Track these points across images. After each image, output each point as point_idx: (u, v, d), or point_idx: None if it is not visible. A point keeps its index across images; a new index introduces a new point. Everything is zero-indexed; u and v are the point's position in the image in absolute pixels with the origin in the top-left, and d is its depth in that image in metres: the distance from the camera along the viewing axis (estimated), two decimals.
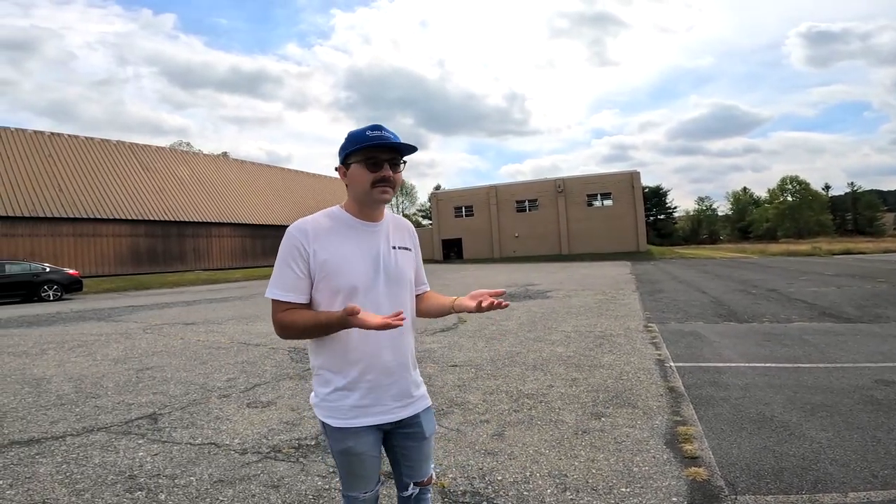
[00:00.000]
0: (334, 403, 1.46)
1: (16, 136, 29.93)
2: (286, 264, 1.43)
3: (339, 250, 1.44)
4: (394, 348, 1.49)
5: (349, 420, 1.46)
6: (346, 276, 1.42)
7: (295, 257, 1.42)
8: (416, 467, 1.58)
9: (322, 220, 1.48)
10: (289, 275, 1.43)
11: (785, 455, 2.95)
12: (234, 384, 4.99)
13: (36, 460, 3.19)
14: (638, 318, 8.55)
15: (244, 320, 9.82)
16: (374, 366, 1.46)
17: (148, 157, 36.61)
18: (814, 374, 4.68)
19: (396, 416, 1.51)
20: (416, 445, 1.57)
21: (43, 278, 17.50)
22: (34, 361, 6.38)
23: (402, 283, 1.54)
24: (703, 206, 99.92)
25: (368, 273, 1.46)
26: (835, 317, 7.95)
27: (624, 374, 4.91)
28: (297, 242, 1.42)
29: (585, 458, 3.02)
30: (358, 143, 1.42)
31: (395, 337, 1.48)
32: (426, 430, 1.57)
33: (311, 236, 1.42)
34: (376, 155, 1.43)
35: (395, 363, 1.49)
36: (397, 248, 1.55)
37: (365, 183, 1.44)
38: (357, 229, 1.49)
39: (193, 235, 35.16)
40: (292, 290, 1.43)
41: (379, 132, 1.42)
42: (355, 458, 1.47)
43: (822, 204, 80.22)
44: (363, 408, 1.46)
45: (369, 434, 1.48)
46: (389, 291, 1.49)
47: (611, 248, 40.11)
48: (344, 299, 1.41)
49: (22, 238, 26.47)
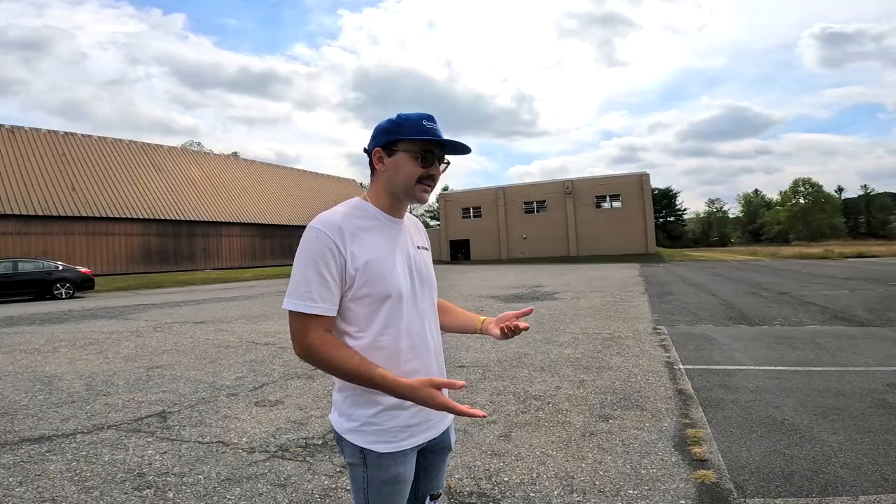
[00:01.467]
0: (383, 426, 1.25)
1: (30, 135, 30.35)
2: (314, 269, 1.19)
3: (379, 251, 1.26)
4: (437, 357, 1.36)
5: (399, 443, 1.26)
6: (390, 280, 1.24)
7: (327, 261, 1.19)
8: (435, 480, 1.46)
9: (353, 214, 1.28)
10: (318, 282, 1.19)
11: (795, 458, 2.93)
12: (243, 383, 5.01)
13: (46, 458, 3.22)
14: (647, 320, 8.50)
15: (253, 319, 9.87)
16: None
17: (160, 157, 36.98)
18: (825, 378, 4.63)
19: (438, 430, 1.36)
20: (440, 459, 1.44)
21: (55, 276, 17.70)
22: (46, 359, 6.45)
23: (432, 286, 1.40)
24: (713, 209, 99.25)
25: (407, 276, 1.30)
26: (847, 320, 7.85)
27: (632, 377, 4.88)
28: (330, 243, 1.20)
29: (593, 460, 3.00)
30: (415, 133, 1.25)
31: (437, 344, 1.36)
32: (451, 442, 1.46)
33: (346, 236, 1.22)
34: (431, 150, 1.28)
35: (439, 374, 1.35)
36: (420, 248, 1.41)
37: (411, 176, 1.28)
38: (387, 226, 1.32)
39: (204, 235, 35.46)
40: (324, 300, 1.20)
41: (435, 125, 1.28)
42: (401, 486, 1.29)
43: (834, 207, 79.31)
44: (413, 427, 1.29)
45: (413, 456, 1.32)
46: (424, 296, 1.35)
47: (619, 250, 39.91)
48: (389, 309, 1.25)
49: (35, 236, 26.82)
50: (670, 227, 78.50)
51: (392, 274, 1.25)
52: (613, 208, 42.50)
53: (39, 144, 30.16)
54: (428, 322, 1.36)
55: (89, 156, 32.28)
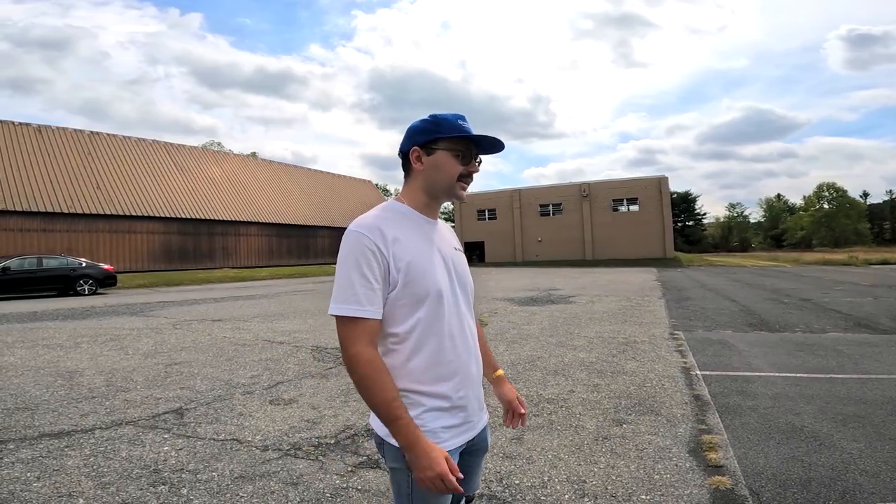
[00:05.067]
0: (427, 426, 1.23)
1: (57, 134, 31.04)
2: (359, 272, 1.18)
3: (419, 251, 1.25)
4: (476, 359, 1.36)
5: (443, 444, 1.24)
6: (430, 280, 1.24)
7: (370, 262, 1.19)
8: (471, 481, 1.43)
9: (391, 216, 1.28)
10: (364, 284, 1.18)
11: (813, 465, 2.87)
12: (258, 381, 5.07)
13: (65, 453, 3.28)
14: (663, 325, 8.40)
15: (269, 318, 9.97)
16: (466, 380, 1.31)
17: (181, 157, 37.55)
18: (847, 385, 4.53)
19: (476, 430, 1.36)
20: (476, 460, 1.44)
21: (79, 273, 18.07)
22: (68, 354, 6.59)
23: (469, 288, 1.40)
24: (733, 213, 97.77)
25: (446, 277, 1.29)
26: (870, 328, 7.68)
27: (647, 382, 4.82)
28: (372, 245, 1.19)
29: (605, 465, 2.97)
30: (454, 131, 1.27)
31: (475, 346, 1.36)
32: (487, 443, 1.46)
33: (388, 237, 1.22)
34: (471, 148, 1.31)
35: (478, 375, 1.36)
36: (457, 249, 1.40)
37: (453, 174, 1.29)
38: (424, 227, 1.32)
39: (223, 234, 35.91)
40: (370, 303, 1.19)
41: (468, 125, 1.30)
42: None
43: (859, 212, 77.59)
44: (455, 427, 1.29)
45: (456, 457, 1.29)
46: (462, 297, 1.35)
47: (636, 254, 39.51)
48: (429, 309, 1.24)
49: (60, 234, 27.39)
50: (689, 231, 77.36)
51: (433, 274, 1.25)
52: (631, 212, 42.10)
53: (66, 143, 30.84)
54: (467, 323, 1.36)
55: (114, 155, 32.89)
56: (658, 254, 39.69)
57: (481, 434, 1.40)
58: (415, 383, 1.25)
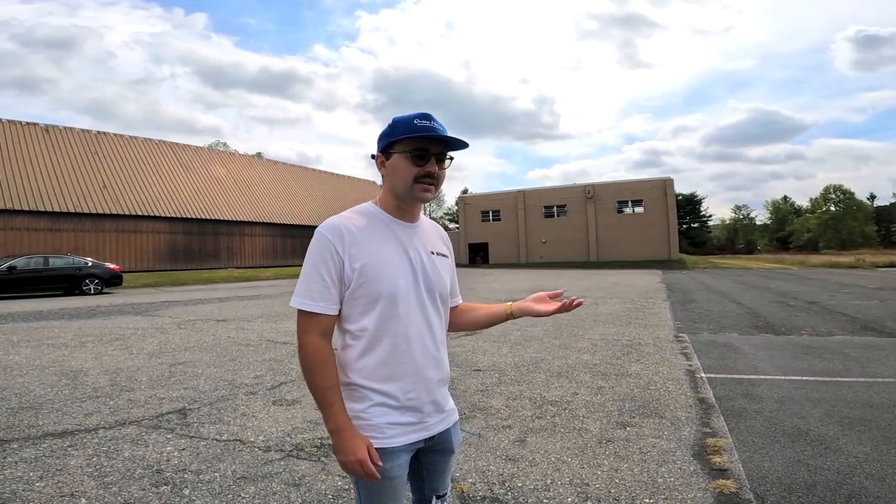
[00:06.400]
0: (372, 420, 1.30)
1: (64, 133, 31.27)
2: (315, 270, 1.28)
3: (378, 253, 1.30)
4: (437, 364, 1.39)
5: (387, 440, 1.30)
6: (386, 281, 1.28)
7: (326, 262, 1.27)
8: (440, 480, 1.48)
9: (356, 218, 1.33)
10: (319, 282, 1.28)
11: (819, 469, 2.85)
12: (261, 381, 5.07)
13: (68, 452, 3.28)
14: (668, 327, 8.37)
15: (273, 318, 9.99)
16: (419, 382, 1.33)
17: (187, 157, 37.74)
18: (853, 389, 4.50)
19: (432, 431, 1.39)
20: (443, 459, 1.47)
21: (85, 272, 18.17)
22: (73, 353, 6.61)
23: (440, 292, 1.41)
24: (739, 215, 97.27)
25: (408, 279, 1.33)
26: (877, 331, 7.62)
27: (652, 384, 4.80)
28: (330, 245, 1.27)
29: (609, 468, 2.95)
30: (406, 132, 1.28)
31: (437, 352, 1.39)
32: (455, 443, 1.47)
33: (346, 238, 1.28)
34: (424, 147, 1.29)
35: (436, 380, 1.38)
36: (435, 253, 1.42)
37: (407, 177, 1.30)
38: (394, 229, 1.35)
39: (227, 234, 36.07)
40: (322, 299, 1.28)
41: (428, 122, 1.28)
42: (389, 482, 1.31)
43: (866, 214, 77.00)
44: (403, 425, 1.33)
45: (404, 454, 1.34)
46: (428, 301, 1.37)
47: (641, 256, 39.38)
48: (383, 309, 1.29)
49: (66, 233, 27.58)
50: (694, 233, 77.04)
51: (390, 276, 1.29)
52: (636, 213, 42.01)
53: (73, 143, 31.04)
54: (431, 327, 1.38)
55: (121, 155, 33.08)
56: (663, 256, 39.58)
57: (443, 435, 1.42)
58: (365, 379, 1.31)
